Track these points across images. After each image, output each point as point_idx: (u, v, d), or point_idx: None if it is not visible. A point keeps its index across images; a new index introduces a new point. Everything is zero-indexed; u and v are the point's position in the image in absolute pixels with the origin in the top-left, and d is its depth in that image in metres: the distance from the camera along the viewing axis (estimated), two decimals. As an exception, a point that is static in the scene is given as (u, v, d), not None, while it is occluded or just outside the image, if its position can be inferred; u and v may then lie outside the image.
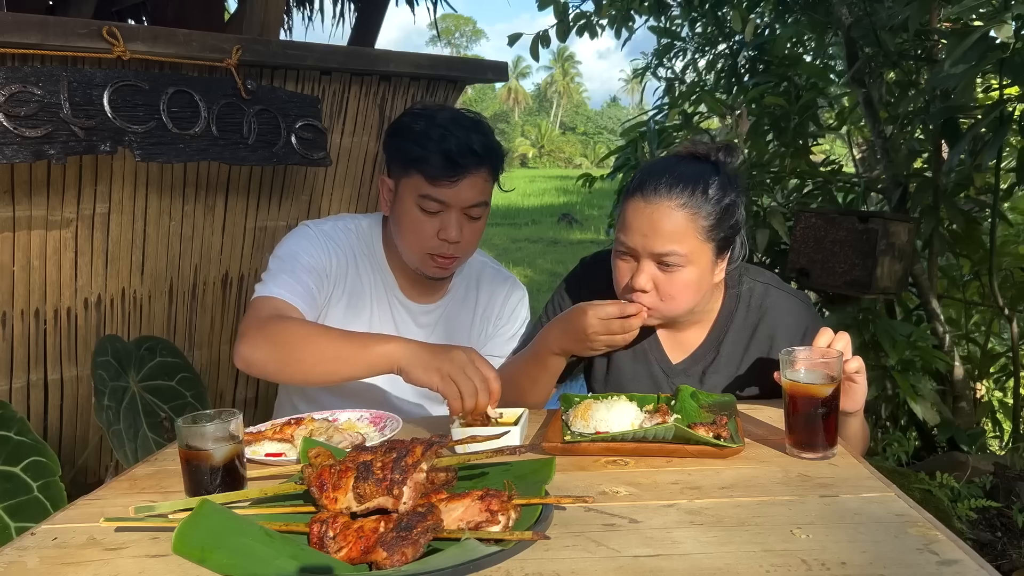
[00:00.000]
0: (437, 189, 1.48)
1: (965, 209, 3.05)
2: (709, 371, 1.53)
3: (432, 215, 1.51)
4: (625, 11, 3.89)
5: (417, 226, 1.52)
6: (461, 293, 1.72)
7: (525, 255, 12.58)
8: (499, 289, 1.74)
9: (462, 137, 1.47)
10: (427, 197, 1.49)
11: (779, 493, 1.05)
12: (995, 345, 3.35)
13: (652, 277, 1.37)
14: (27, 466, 1.62)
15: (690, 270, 1.37)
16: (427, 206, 1.50)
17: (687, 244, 1.35)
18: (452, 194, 1.49)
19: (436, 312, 1.69)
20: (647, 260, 1.37)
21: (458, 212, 1.52)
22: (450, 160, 1.46)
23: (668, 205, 1.34)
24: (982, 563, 0.83)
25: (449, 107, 1.57)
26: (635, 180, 1.41)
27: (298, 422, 1.37)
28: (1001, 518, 2.51)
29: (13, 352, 1.98)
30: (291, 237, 1.60)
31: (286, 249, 1.57)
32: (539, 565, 0.87)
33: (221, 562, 0.88)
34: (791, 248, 2.99)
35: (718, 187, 1.37)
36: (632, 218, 1.37)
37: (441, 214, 1.51)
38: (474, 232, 1.57)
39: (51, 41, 1.78)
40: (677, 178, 1.35)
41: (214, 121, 2.06)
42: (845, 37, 3.20)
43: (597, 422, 1.27)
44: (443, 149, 1.46)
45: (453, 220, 1.51)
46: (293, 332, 1.40)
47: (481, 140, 1.49)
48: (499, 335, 1.74)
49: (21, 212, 1.91)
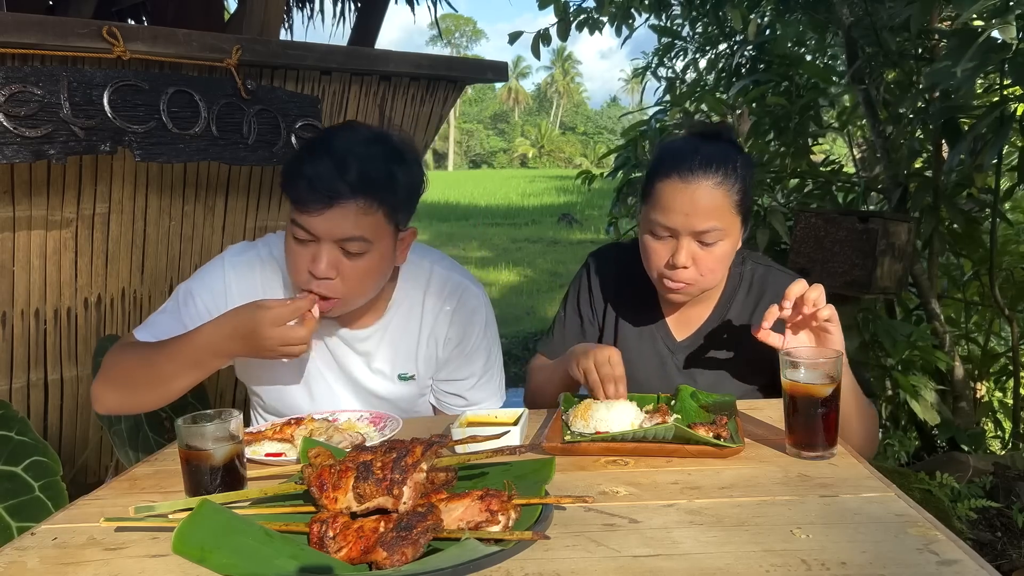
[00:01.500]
0: (302, 216, 1.32)
1: (965, 209, 3.06)
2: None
3: (303, 244, 1.35)
4: (625, 9, 3.89)
5: (291, 255, 1.38)
6: (404, 311, 1.55)
7: (525, 255, 12.57)
8: (446, 304, 1.56)
9: (335, 161, 1.30)
10: (295, 223, 1.34)
11: (779, 493, 1.05)
12: (995, 345, 3.35)
13: (692, 253, 1.43)
14: (28, 466, 1.62)
15: (726, 243, 1.45)
16: (297, 234, 1.34)
17: (725, 219, 1.42)
18: (318, 224, 1.31)
19: (374, 338, 1.54)
20: (687, 237, 1.43)
21: (331, 245, 1.33)
22: (311, 186, 1.30)
23: (707, 184, 1.41)
24: (982, 563, 0.83)
25: (360, 129, 1.39)
26: (664, 163, 1.46)
27: (298, 422, 1.37)
28: (1001, 518, 2.51)
29: (13, 352, 1.98)
30: (201, 274, 1.53)
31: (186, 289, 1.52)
32: (539, 565, 0.87)
33: (221, 562, 0.88)
34: (791, 248, 2.99)
35: (742, 163, 1.46)
36: (671, 199, 1.42)
37: (312, 245, 1.34)
38: (358, 272, 1.36)
39: (51, 41, 1.78)
40: (709, 157, 1.42)
41: (214, 121, 2.06)
42: (846, 37, 3.20)
43: (597, 422, 1.27)
44: (306, 174, 1.30)
45: (323, 253, 1.33)
46: (125, 366, 1.43)
47: (359, 169, 1.30)
48: (454, 359, 1.59)
49: (21, 212, 1.91)
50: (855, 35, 3.14)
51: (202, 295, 1.50)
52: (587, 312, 1.69)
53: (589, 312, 1.69)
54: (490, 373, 1.65)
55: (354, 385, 1.58)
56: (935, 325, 3.06)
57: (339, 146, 1.33)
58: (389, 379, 1.57)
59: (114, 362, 1.46)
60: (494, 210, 20.16)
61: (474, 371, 1.62)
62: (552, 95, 74.42)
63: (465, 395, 1.63)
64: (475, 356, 1.61)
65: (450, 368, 1.61)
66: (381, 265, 1.40)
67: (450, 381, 1.62)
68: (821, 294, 1.28)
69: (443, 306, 1.56)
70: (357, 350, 1.55)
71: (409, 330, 1.56)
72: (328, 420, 1.40)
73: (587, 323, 1.69)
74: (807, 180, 3.56)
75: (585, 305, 1.69)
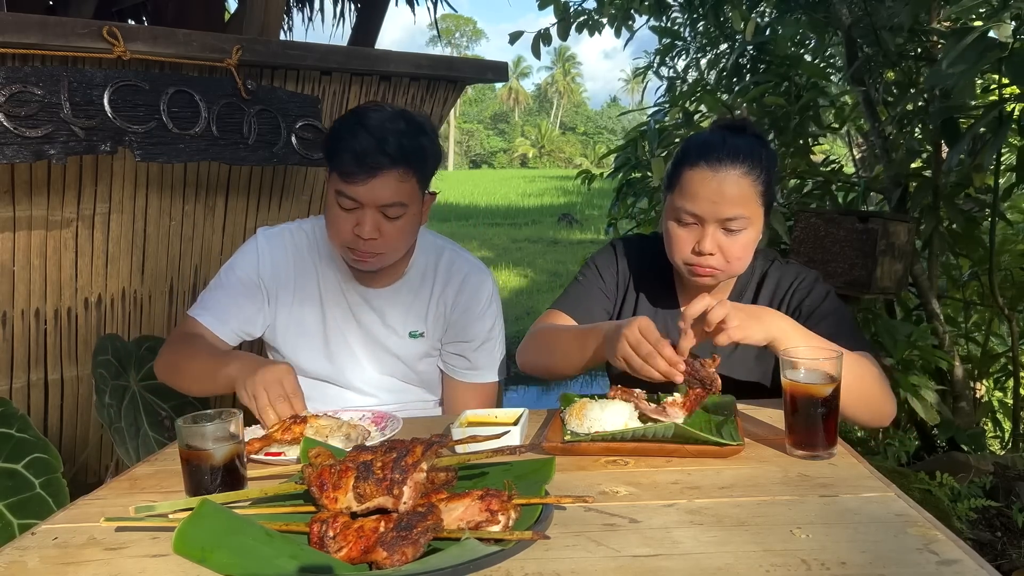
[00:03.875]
0: (348, 187, 1.51)
1: (965, 209, 3.05)
2: None
3: (348, 211, 1.54)
4: (625, 10, 3.89)
5: (335, 221, 1.56)
6: (417, 278, 1.74)
7: (525, 255, 12.58)
8: (456, 273, 1.75)
9: (375, 137, 1.49)
10: (341, 194, 1.53)
11: (779, 493, 1.05)
12: (995, 345, 3.35)
13: (717, 241, 1.47)
14: (29, 463, 1.62)
15: (750, 231, 1.49)
16: (343, 203, 1.53)
17: (750, 208, 1.46)
18: (363, 192, 1.51)
19: (389, 295, 1.72)
20: (713, 225, 1.46)
21: (373, 210, 1.53)
22: (358, 158, 1.48)
23: (735, 173, 1.45)
24: (982, 563, 0.83)
25: (384, 107, 1.56)
26: (692, 152, 1.49)
27: (303, 420, 1.37)
28: (1001, 518, 2.51)
29: (13, 352, 1.98)
30: (239, 251, 1.73)
31: (228, 264, 1.72)
32: (539, 565, 0.87)
33: (221, 562, 0.88)
34: (791, 248, 2.99)
35: (767, 156, 1.50)
36: (699, 187, 1.46)
37: (357, 211, 1.53)
38: (396, 231, 1.57)
39: (51, 41, 1.78)
40: (736, 148, 1.46)
41: (214, 121, 2.06)
42: (845, 37, 3.20)
43: (592, 422, 1.27)
44: (352, 148, 1.49)
45: (367, 218, 1.53)
46: (180, 352, 1.62)
47: (397, 141, 1.50)
48: (461, 319, 1.75)
49: (21, 212, 1.91)
50: (854, 35, 3.14)
51: (241, 265, 1.69)
52: (610, 281, 1.70)
53: (613, 284, 1.70)
54: (492, 341, 1.78)
55: (369, 340, 1.73)
56: (935, 325, 3.06)
57: (375, 123, 1.50)
58: (401, 336, 1.73)
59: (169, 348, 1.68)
60: (494, 210, 20.16)
61: (478, 334, 1.75)
62: (552, 95, 74.42)
63: (468, 356, 1.75)
64: (480, 321, 1.75)
65: (456, 329, 1.75)
66: (414, 224, 1.62)
67: (455, 343, 1.75)
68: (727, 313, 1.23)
69: (453, 275, 1.74)
70: (374, 306, 1.72)
71: (421, 292, 1.74)
72: (331, 416, 1.40)
73: (608, 292, 1.69)
74: (807, 180, 3.56)
75: (609, 276, 1.70)
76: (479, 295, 1.75)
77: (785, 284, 1.58)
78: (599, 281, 1.69)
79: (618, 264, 1.70)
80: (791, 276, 1.59)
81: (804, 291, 1.56)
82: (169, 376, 1.66)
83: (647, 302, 1.67)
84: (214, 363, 1.51)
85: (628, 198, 3.85)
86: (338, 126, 1.56)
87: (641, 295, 1.67)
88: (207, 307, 1.67)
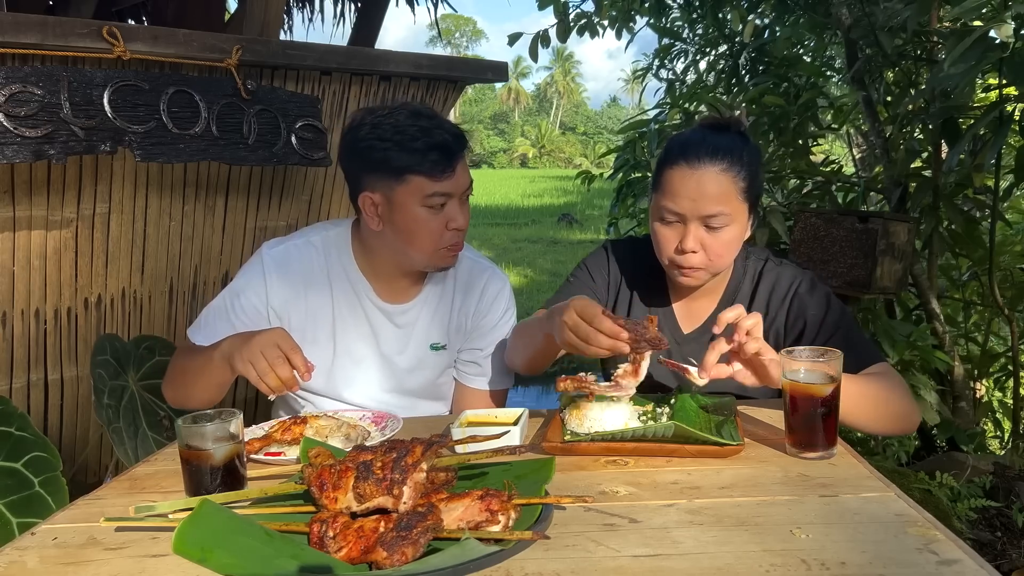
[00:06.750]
0: (440, 183, 1.53)
1: (965, 209, 3.06)
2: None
3: (438, 211, 1.56)
4: (625, 12, 3.89)
5: (427, 226, 1.56)
6: (438, 289, 1.73)
7: (525, 255, 12.58)
8: (476, 281, 1.75)
9: (440, 127, 1.53)
10: (434, 195, 1.53)
11: (779, 493, 1.05)
12: (995, 345, 3.35)
13: (699, 239, 1.47)
14: (28, 462, 1.62)
15: (733, 228, 1.48)
16: (434, 203, 1.54)
17: (731, 204, 1.46)
18: (452, 184, 1.54)
19: (413, 311, 1.71)
20: (695, 223, 1.47)
21: (458, 199, 1.58)
22: (445, 152, 1.52)
23: (713, 170, 1.45)
24: (982, 563, 0.83)
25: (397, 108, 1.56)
26: (673, 151, 1.50)
27: (303, 420, 1.37)
28: (1001, 518, 2.51)
29: (13, 352, 1.98)
30: (245, 274, 1.67)
31: (233, 288, 1.66)
32: (539, 565, 0.87)
33: (221, 562, 0.88)
34: (791, 248, 2.99)
35: (749, 152, 1.50)
36: (679, 185, 1.47)
37: (445, 207, 1.56)
38: (468, 214, 1.64)
39: (51, 41, 1.77)
40: (715, 146, 1.47)
41: (214, 121, 2.06)
42: (845, 37, 3.20)
43: (592, 422, 1.28)
44: (435, 145, 1.51)
45: (458, 208, 1.58)
46: (176, 368, 1.62)
47: (449, 125, 1.56)
48: (480, 327, 1.75)
49: (21, 212, 1.91)
50: (854, 36, 3.14)
51: (247, 292, 1.64)
52: (601, 283, 1.69)
53: (604, 286, 1.69)
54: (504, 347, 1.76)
55: (381, 358, 1.70)
56: (935, 325, 3.06)
57: (431, 120, 1.54)
58: (422, 349, 1.72)
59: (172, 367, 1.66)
60: (494, 210, 20.16)
61: (491, 341, 1.75)
62: (552, 95, 74.42)
63: (480, 363, 1.75)
64: (497, 330, 1.75)
65: (473, 337, 1.75)
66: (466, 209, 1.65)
67: (470, 350, 1.76)
68: (757, 323, 1.25)
69: (473, 285, 1.75)
70: (397, 323, 1.70)
71: (443, 302, 1.74)
72: (331, 416, 1.40)
73: (598, 293, 1.68)
74: (807, 180, 3.56)
75: (600, 277, 1.69)
76: (498, 305, 1.76)
77: (783, 286, 1.57)
78: (590, 282, 1.69)
79: (609, 266, 1.70)
80: (788, 278, 1.58)
81: (804, 298, 1.53)
82: (178, 392, 1.62)
83: (640, 303, 1.66)
84: (205, 354, 1.48)
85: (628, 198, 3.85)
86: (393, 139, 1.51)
87: (634, 296, 1.67)
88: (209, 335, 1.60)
